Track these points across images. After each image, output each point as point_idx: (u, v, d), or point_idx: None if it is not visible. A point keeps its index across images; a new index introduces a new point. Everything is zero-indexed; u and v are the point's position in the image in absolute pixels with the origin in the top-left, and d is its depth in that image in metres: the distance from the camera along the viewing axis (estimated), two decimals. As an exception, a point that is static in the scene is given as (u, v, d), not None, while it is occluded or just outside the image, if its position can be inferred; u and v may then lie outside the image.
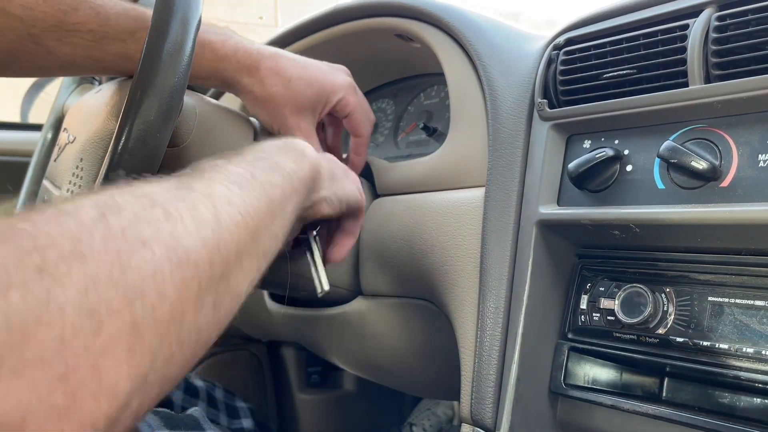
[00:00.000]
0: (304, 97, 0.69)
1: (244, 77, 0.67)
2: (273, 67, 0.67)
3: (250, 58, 0.66)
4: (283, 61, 0.68)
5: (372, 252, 0.80)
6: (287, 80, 0.68)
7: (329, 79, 0.72)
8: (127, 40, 0.59)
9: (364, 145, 0.79)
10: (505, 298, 0.63)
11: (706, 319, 0.53)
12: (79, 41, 0.57)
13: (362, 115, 0.76)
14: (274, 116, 0.70)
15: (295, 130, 0.70)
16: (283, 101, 0.68)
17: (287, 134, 0.70)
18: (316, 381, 1.22)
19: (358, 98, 0.75)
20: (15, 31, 0.55)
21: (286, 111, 0.69)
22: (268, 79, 0.67)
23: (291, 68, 0.69)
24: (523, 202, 0.64)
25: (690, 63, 0.54)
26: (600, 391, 0.59)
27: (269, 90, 0.68)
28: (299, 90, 0.69)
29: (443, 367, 0.83)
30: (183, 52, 0.50)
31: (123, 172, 0.48)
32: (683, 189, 0.54)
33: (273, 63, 0.67)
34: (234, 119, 0.68)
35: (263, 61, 0.67)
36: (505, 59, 0.72)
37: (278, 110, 0.69)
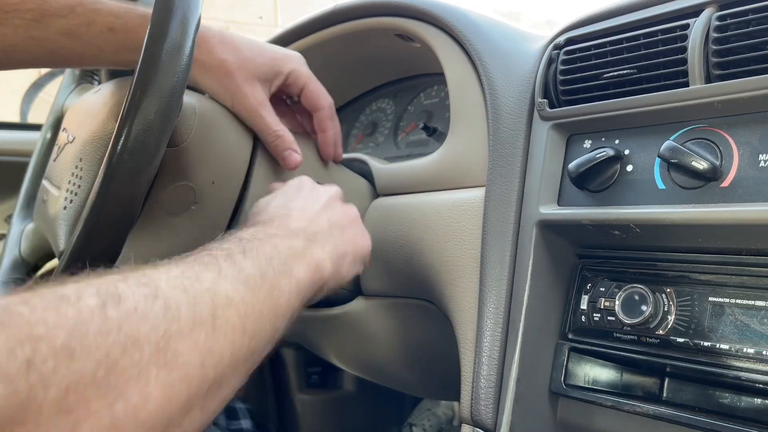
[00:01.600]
0: (255, 65, 0.67)
1: None
2: (220, 37, 0.66)
3: None
4: (229, 35, 0.67)
5: (372, 252, 0.80)
6: (236, 48, 0.66)
7: (279, 50, 0.71)
8: (68, 16, 0.58)
9: (328, 117, 0.75)
10: (505, 298, 0.63)
11: (707, 320, 0.53)
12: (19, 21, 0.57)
13: (319, 86, 0.73)
14: (226, 85, 0.67)
15: (249, 98, 0.67)
16: (233, 68, 0.66)
17: (241, 101, 0.67)
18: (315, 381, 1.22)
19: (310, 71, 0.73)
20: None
21: (238, 78, 0.67)
22: (216, 48, 0.65)
23: (239, 39, 0.67)
24: (523, 202, 0.64)
25: (690, 63, 0.54)
26: (600, 392, 0.59)
27: (218, 57, 0.65)
28: (249, 57, 0.67)
29: (443, 367, 0.83)
30: (182, 52, 0.49)
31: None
32: (684, 189, 0.54)
33: (220, 34, 0.66)
34: (234, 119, 0.68)
35: (210, 32, 0.66)
36: (505, 59, 0.72)
37: (229, 78, 0.66)
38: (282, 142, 0.69)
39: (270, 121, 0.68)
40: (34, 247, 0.79)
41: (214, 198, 0.65)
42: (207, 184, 0.64)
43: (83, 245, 0.48)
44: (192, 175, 0.62)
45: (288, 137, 0.69)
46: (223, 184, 0.65)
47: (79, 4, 0.58)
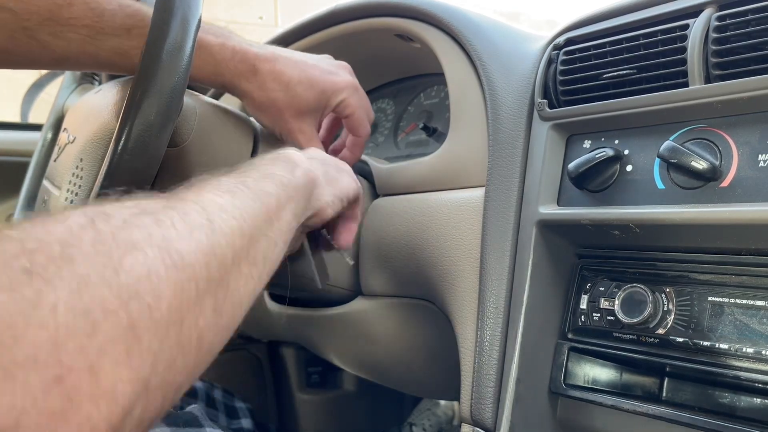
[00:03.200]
0: (304, 101, 0.69)
1: (242, 82, 0.66)
2: (271, 70, 0.67)
3: (247, 62, 0.65)
4: (282, 63, 0.68)
5: (372, 252, 0.80)
6: (287, 84, 0.67)
7: (330, 80, 0.71)
8: (123, 36, 0.58)
9: (361, 145, 0.78)
10: (505, 298, 0.63)
11: (706, 319, 0.53)
12: (73, 36, 0.57)
13: (362, 116, 0.75)
14: (275, 120, 0.69)
15: (297, 133, 0.70)
16: (283, 105, 0.68)
17: (289, 137, 0.70)
18: (316, 381, 1.22)
19: (360, 98, 0.74)
20: (8, 25, 0.54)
21: (287, 115, 0.69)
22: (268, 84, 0.67)
23: (290, 71, 0.68)
24: (523, 202, 0.64)
25: (690, 63, 0.54)
26: (600, 391, 0.59)
27: (269, 95, 0.67)
28: (299, 93, 0.68)
29: (443, 367, 0.83)
30: (183, 52, 0.49)
31: (115, 188, 0.48)
32: (683, 189, 0.54)
33: (271, 66, 0.67)
34: (234, 119, 0.68)
35: (261, 65, 0.66)
36: (505, 59, 0.72)
37: (279, 115, 0.69)
38: None
39: None
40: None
41: (215, 198, 0.65)
42: (207, 184, 0.64)
43: None
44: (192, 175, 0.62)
45: None
46: None
47: (135, 26, 0.58)
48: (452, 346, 0.69)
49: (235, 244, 0.39)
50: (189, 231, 0.35)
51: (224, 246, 0.37)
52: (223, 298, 0.37)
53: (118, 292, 0.28)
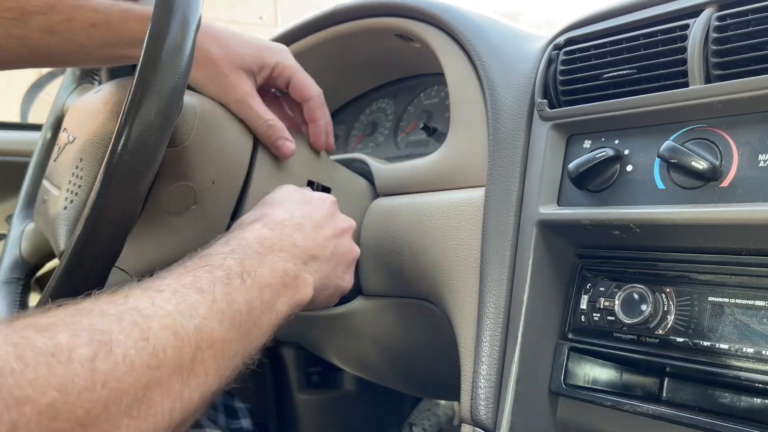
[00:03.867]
0: (240, 56, 0.66)
1: None
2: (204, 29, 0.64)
3: None
4: (213, 26, 0.66)
5: (372, 252, 0.80)
6: (219, 39, 0.66)
7: (264, 41, 0.70)
8: (48, 13, 0.58)
9: (318, 107, 0.74)
10: (505, 298, 0.63)
11: (706, 320, 0.53)
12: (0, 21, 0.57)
13: (306, 76, 0.72)
14: (211, 76, 0.66)
15: (236, 89, 0.66)
16: (218, 59, 0.65)
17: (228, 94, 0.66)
18: (316, 381, 1.22)
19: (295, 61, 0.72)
20: None
21: (224, 69, 0.66)
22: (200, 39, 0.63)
23: (222, 30, 0.67)
24: (523, 202, 0.64)
25: (690, 63, 0.54)
26: (600, 391, 0.59)
27: (202, 48, 0.64)
28: (234, 48, 0.66)
29: (443, 367, 0.83)
30: (183, 52, 0.49)
31: None
32: (683, 189, 0.54)
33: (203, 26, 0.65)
34: (234, 119, 0.68)
35: None
36: (505, 59, 0.72)
37: (215, 68, 0.65)
38: (274, 131, 0.68)
39: (259, 110, 0.67)
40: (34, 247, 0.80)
41: (214, 198, 0.65)
42: (207, 184, 0.64)
43: (84, 245, 0.48)
44: (192, 175, 0.62)
45: (279, 125, 0.68)
46: (223, 184, 0.65)
47: (60, 2, 0.58)
48: (452, 346, 0.69)
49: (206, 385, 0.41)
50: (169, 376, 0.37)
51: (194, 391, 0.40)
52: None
53: None
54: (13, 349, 0.31)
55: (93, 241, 0.48)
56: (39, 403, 0.30)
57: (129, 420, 0.34)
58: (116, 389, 0.33)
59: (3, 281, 0.78)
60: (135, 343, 0.36)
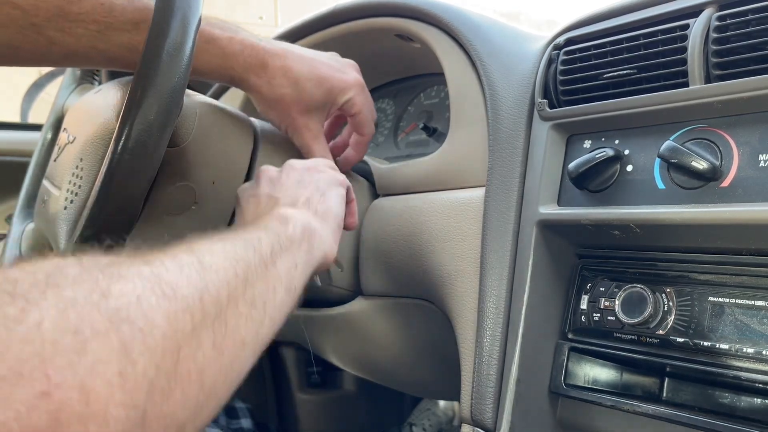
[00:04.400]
0: (312, 98, 0.69)
1: (251, 76, 0.66)
2: (281, 66, 0.66)
3: (257, 56, 0.65)
4: (291, 59, 0.67)
5: (372, 252, 0.80)
6: (295, 80, 0.67)
7: (338, 78, 0.71)
8: (132, 31, 0.58)
9: (365, 143, 0.78)
10: (505, 298, 0.63)
11: (707, 320, 0.53)
12: (82, 32, 0.56)
13: (368, 116, 0.75)
14: (282, 116, 0.69)
15: (303, 130, 0.70)
16: (291, 102, 0.68)
17: (295, 133, 0.70)
18: (316, 381, 1.22)
19: (365, 97, 0.74)
20: (17, 21, 0.54)
21: (294, 112, 0.68)
22: (276, 80, 0.66)
23: (299, 67, 0.67)
24: (523, 202, 0.64)
25: (690, 63, 0.54)
26: (600, 391, 0.59)
27: (277, 91, 0.67)
28: (307, 90, 0.68)
29: (443, 367, 0.83)
30: (183, 52, 0.49)
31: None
32: (683, 189, 0.54)
33: (281, 62, 0.66)
34: (234, 119, 0.68)
35: (271, 60, 0.66)
36: (505, 59, 0.72)
37: (286, 111, 0.68)
38: None
39: (319, 154, 0.71)
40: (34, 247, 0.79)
41: (214, 198, 0.65)
42: (207, 184, 0.64)
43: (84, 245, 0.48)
44: (192, 176, 0.62)
45: None
46: (223, 184, 0.65)
47: (144, 20, 0.57)
48: (452, 346, 0.69)
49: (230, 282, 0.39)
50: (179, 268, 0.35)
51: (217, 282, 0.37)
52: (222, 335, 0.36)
53: (107, 315, 0.28)
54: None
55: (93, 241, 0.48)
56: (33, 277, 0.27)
57: (156, 298, 0.32)
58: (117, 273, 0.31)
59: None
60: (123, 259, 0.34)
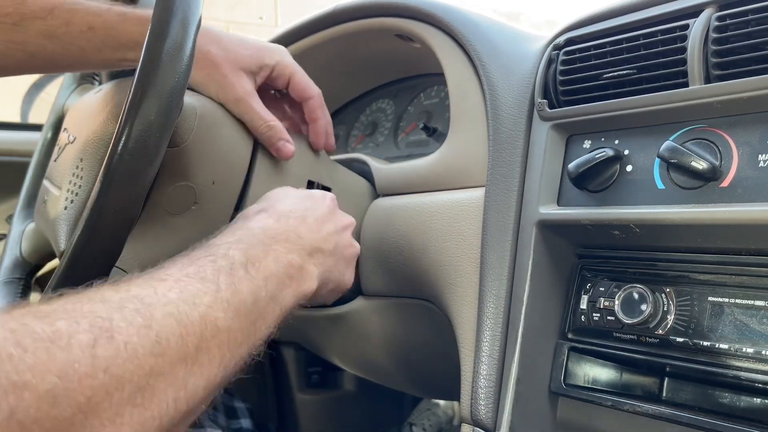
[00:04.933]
0: (239, 56, 0.67)
1: None
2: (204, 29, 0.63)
3: None
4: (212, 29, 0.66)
5: (372, 252, 0.80)
6: (218, 40, 0.66)
7: (262, 42, 0.70)
8: (47, 17, 0.58)
9: (318, 106, 0.74)
10: (505, 298, 0.63)
11: (706, 319, 0.53)
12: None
13: (305, 76, 0.73)
14: (211, 76, 0.66)
15: (236, 88, 0.66)
16: (218, 59, 0.65)
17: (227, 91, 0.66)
18: (316, 381, 1.22)
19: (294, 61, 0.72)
20: None
21: (224, 69, 0.66)
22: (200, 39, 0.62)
23: (222, 32, 0.67)
24: (523, 203, 0.64)
25: (690, 63, 0.54)
26: (600, 391, 0.59)
27: (202, 49, 0.64)
28: (233, 48, 0.66)
29: (443, 367, 0.83)
30: (183, 52, 0.49)
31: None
32: (683, 189, 0.54)
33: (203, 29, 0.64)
34: (234, 119, 0.68)
35: None
36: (505, 59, 0.72)
37: (215, 69, 0.66)
38: (274, 133, 0.68)
39: (260, 111, 0.67)
40: (34, 247, 0.80)
41: (215, 198, 0.65)
42: (207, 184, 0.64)
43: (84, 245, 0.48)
44: (192, 176, 0.62)
45: (279, 127, 0.68)
46: (223, 184, 0.65)
47: (58, 6, 0.58)
48: (452, 346, 0.69)
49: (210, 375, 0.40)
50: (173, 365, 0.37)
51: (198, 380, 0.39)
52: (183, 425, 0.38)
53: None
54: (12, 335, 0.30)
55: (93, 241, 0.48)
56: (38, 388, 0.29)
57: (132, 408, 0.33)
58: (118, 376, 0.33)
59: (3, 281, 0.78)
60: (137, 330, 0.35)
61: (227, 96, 0.66)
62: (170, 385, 0.36)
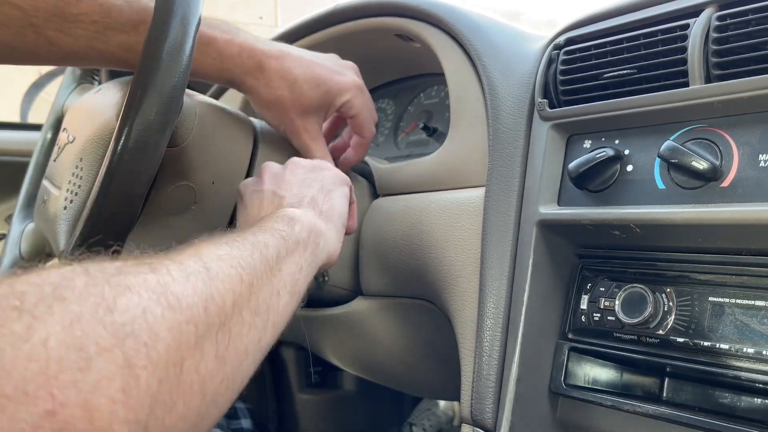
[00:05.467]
0: (309, 100, 0.69)
1: (249, 79, 0.66)
2: (278, 68, 0.66)
3: (254, 58, 0.65)
4: (289, 61, 0.67)
5: (372, 252, 0.80)
6: (292, 82, 0.67)
7: (336, 80, 0.71)
8: (130, 32, 0.58)
9: (365, 145, 0.78)
10: (505, 298, 0.63)
11: (707, 320, 0.53)
12: (81, 32, 0.57)
13: (367, 117, 0.75)
14: (279, 118, 0.69)
15: (301, 132, 0.70)
16: (288, 104, 0.68)
17: (293, 135, 0.70)
18: (316, 381, 1.22)
19: (365, 99, 0.74)
20: (16, 21, 0.54)
21: (292, 113, 0.69)
22: (273, 82, 0.66)
23: (296, 69, 0.68)
24: (523, 202, 0.64)
25: (690, 63, 0.54)
26: (600, 392, 0.59)
27: (274, 93, 0.67)
28: (305, 92, 0.68)
29: (443, 367, 0.83)
30: (183, 52, 0.49)
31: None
32: (684, 189, 0.54)
33: (278, 64, 0.67)
34: (234, 119, 0.68)
35: (268, 62, 0.66)
36: (505, 59, 0.72)
37: (284, 113, 0.69)
38: None
39: (318, 156, 0.71)
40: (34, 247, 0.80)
41: (214, 198, 0.65)
42: (207, 184, 0.64)
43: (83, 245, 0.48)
44: (192, 175, 0.62)
45: None
46: (223, 184, 0.65)
47: (143, 22, 0.58)
48: (452, 346, 0.69)
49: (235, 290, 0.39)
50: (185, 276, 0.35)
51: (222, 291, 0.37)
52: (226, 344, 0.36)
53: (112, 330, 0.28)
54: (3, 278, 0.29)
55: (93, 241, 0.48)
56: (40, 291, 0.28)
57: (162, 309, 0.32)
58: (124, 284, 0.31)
59: (3, 281, 0.78)
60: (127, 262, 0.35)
61: (293, 138, 0.71)
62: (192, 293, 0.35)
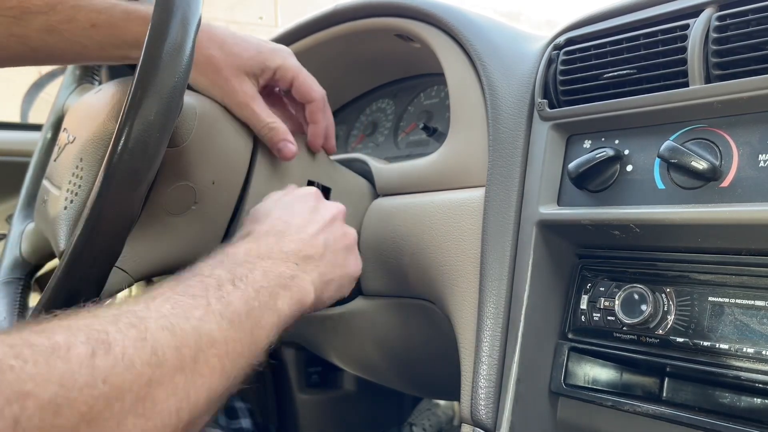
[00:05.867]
0: (241, 59, 0.67)
1: None
2: (207, 32, 0.65)
3: None
4: (214, 28, 0.66)
5: (372, 252, 0.80)
6: (221, 43, 0.66)
7: (266, 44, 0.70)
8: (49, 12, 0.57)
9: (319, 109, 0.74)
10: (505, 298, 0.63)
11: (707, 320, 0.53)
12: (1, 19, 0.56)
13: (309, 78, 0.72)
14: (214, 80, 0.66)
15: (238, 92, 0.67)
16: (220, 63, 0.66)
17: (231, 96, 0.67)
18: (316, 381, 1.22)
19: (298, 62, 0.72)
20: None
21: (226, 73, 0.66)
22: (204, 43, 0.64)
23: (224, 33, 0.67)
24: (523, 202, 0.64)
25: (690, 63, 0.54)
26: (600, 391, 0.59)
27: (204, 52, 0.65)
28: (236, 52, 0.66)
29: (443, 367, 0.83)
30: (183, 52, 0.49)
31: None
32: (683, 189, 0.54)
33: (206, 28, 0.65)
34: (234, 119, 0.68)
35: None
36: (505, 59, 0.72)
37: (217, 73, 0.66)
38: (276, 134, 0.68)
39: (261, 113, 0.67)
40: (34, 247, 0.80)
41: (215, 198, 0.65)
42: (207, 184, 0.64)
43: (84, 245, 0.48)
44: (192, 175, 0.62)
45: (281, 128, 0.68)
46: (223, 184, 0.65)
47: (61, 2, 0.57)
48: (452, 346, 0.69)
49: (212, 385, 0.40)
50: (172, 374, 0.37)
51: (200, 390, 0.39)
52: None
53: None
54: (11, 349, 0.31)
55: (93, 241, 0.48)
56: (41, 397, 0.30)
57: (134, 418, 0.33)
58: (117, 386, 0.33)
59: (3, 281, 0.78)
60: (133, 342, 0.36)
61: (230, 99, 0.67)
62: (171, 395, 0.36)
